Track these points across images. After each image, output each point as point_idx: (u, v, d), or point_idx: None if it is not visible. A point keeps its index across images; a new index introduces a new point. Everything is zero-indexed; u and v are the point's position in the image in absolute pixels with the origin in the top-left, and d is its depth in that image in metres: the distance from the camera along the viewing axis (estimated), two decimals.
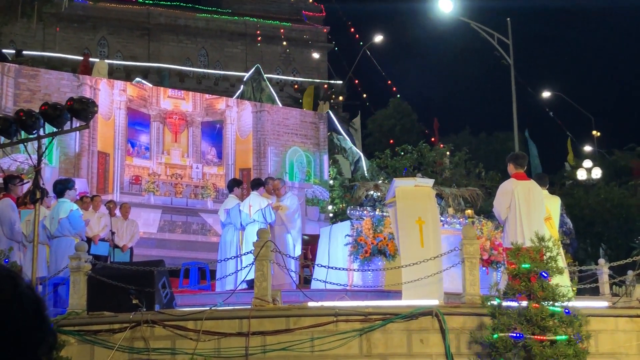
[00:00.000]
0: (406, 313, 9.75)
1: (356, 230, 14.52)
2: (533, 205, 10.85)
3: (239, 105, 25.00)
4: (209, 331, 9.72)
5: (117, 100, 22.16)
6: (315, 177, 25.12)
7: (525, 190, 10.91)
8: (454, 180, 27.60)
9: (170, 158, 22.84)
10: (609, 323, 10.25)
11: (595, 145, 41.55)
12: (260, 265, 10.19)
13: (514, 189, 10.89)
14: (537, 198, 10.99)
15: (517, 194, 10.81)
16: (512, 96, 28.78)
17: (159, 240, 21.65)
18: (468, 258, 10.27)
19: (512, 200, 10.80)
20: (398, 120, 49.41)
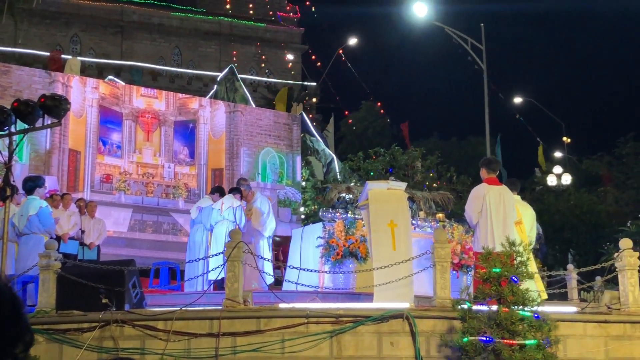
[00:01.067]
0: (377, 316, 9.77)
1: (328, 232, 14.54)
2: (504, 211, 10.91)
3: (212, 105, 24.92)
4: (179, 331, 9.68)
5: (89, 98, 22.00)
6: (288, 178, 25.10)
7: (496, 195, 10.97)
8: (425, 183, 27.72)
9: (142, 157, 22.70)
10: (577, 328, 10.34)
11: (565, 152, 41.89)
12: (231, 266, 10.17)
13: (485, 193, 10.94)
14: (509, 203, 11.06)
15: (489, 198, 10.86)
16: (485, 101, 28.94)
17: (129, 239, 21.52)
18: (439, 261, 10.31)
19: (484, 205, 10.84)
20: (371, 123, 49.51)
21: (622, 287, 10.96)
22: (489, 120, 29.12)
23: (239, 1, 58.81)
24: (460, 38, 28.81)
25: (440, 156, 31.40)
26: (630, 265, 10.78)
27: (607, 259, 13.48)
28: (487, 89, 29.01)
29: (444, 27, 29.10)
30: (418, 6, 27.68)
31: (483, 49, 28.84)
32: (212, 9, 57.49)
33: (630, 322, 10.57)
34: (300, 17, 59.85)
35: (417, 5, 27.70)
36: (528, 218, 12.02)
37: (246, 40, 56.97)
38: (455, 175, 30.20)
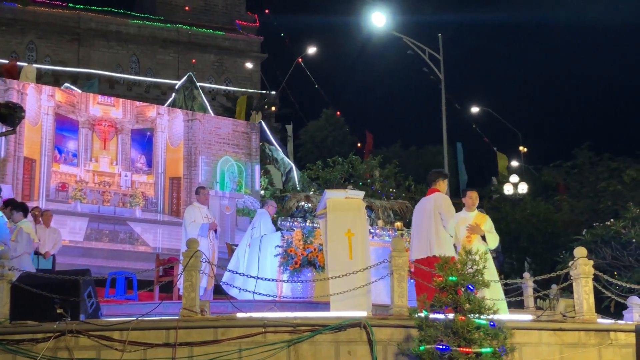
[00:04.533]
0: (334, 324, 9.76)
1: (286, 241, 14.54)
2: (420, 220, 12.13)
3: (170, 113, 24.79)
4: (135, 341, 9.58)
5: (45, 106, 21.77)
6: (247, 187, 25.05)
7: (418, 206, 12.25)
8: (383, 192, 27.80)
9: (99, 165, 22.51)
10: (533, 336, 10.41)
11: (522, 161, 42.33)
12: (188, 276, 10.10)
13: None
14: (425, 212, 12.07)
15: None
16: (442, 110, 29.13)
17: (85, 248, 21.30)
18: (397, 270, 10.33)
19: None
20: (330, 131, 49.57)
21: (576, 295, 11.06)
22: (446, 129, 29.33)
23: (198, 9, 58.73)
24: (418, 48, 28.98)
25: (399, 165, 31.51)
26: (584, 274, 10.89)
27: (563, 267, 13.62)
28: (445, 98, 29.22)
29: (402, 37, 29.26)
30: (376, 16, 27.81)
31: (441, 58, 29.04)
32: (171, 16, 57.34)
33: (584, 329, 10.68)
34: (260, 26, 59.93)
35: (376, 15, 27.83)
36: (483, 223, 12.14)
37: (205, 49, 56.89)
38: (413, 184, 30.32)
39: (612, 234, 20.65)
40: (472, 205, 12.25)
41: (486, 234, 11.95)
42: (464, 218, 12.09)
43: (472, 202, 12.24)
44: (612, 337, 10.72)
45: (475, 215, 12.20)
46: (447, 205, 12.00)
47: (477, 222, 12.01)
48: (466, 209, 12.26)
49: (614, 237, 20.58)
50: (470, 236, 11.85)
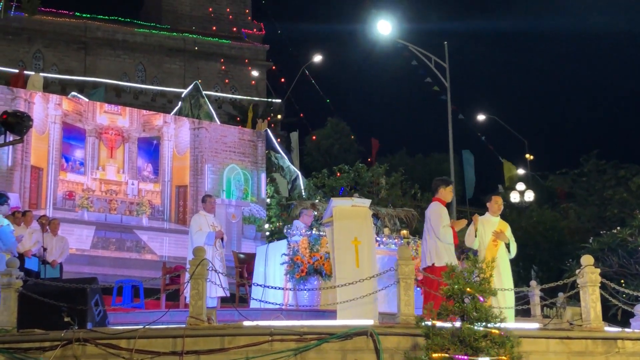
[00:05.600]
0: (341, 333, 9.76)
1: (292, 250, 14.53)
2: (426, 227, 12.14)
3: (176, 122, 24.85)
4: (142, 350, 9.59)
5: (52, 115, 21.83)
6: (253, 195, 25.07)
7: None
8: (389, 200, 27.81)
9: (105, 174, 22.56)
10: (540, 344, 10.40)
11: (528, 169, 42.30)
12: (195, 284, 10.11)
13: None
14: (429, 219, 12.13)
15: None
16: (448, 118, 29.15)
17: (92, 257, 21.33)
18: (403, 278, 10.33)
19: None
20: (336, 140, 49.60)
21: (583, 303, 11.05)
22: (452, 136, 29.34)
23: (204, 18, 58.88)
24: (423, 56, 29.02)
25: (405, 173, 31.51)
26: (591, 282, 10.88)
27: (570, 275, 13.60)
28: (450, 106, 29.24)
29: (407, 45, 29.31)
30: (382, 24, 27.88)
31: (446, 66, 29.07)
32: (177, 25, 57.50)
33: (591, 338, 10.66)
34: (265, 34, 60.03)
35: (381, 23, 27.90)
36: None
37: (211, 57, 56.99)
38: (419, 192, 30.32)
39: (619, 242, 20.63)
40: (498, 210, 12.34)
41: (510, 241, 12.09)
42: (489, 222, 12.17)
43: (498, 207, 12.34)
44: (620, 346, 10.69)
45: (499, 221, 12.27)
46: (434, 213, 12.01)
47: (502, 228, 12.11)
48: (491, 213, 12.33)
49: (620, 245, 20.56)
50: (497, 241, 11.95)
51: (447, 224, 11.80)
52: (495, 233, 12.02)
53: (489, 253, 11.75)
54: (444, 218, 11.90)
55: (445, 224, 11.80)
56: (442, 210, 12.01)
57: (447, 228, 11.73)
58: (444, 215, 11.94)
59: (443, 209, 12.06)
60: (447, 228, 11.74)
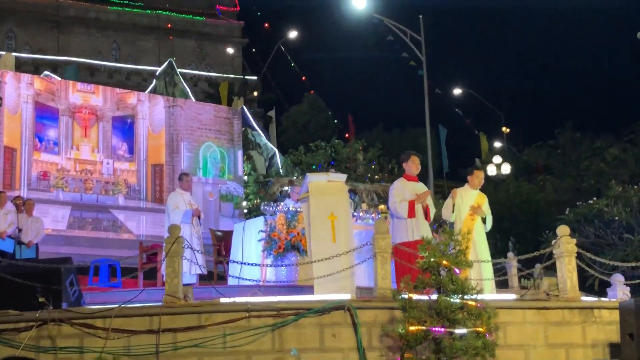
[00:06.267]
0: (318, 308, 9.76)
1: (270, 226, 14.51)
2: None
3: (151, 100, 24.65)
4: (118, 329, 9.54)
5: (24, 94, 21.60)
6: (230, 173, 24.97)
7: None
8: (367, 176, 27.82)
9: (80, 153, 22.37)
10: (517, 315, 10.44)
11: (505, 142, 42.42)
12: (171, 262, 10.06)
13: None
14: None
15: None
16: (425, 93, 29.12)
17: (68, 237, 21.19)
18: (380, 252, 10.33)
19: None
20: (312, 116, 49.46)
21: (560, 273, 11.09)
22: (429, 111, 29.31)
23: None
24: (399, 30, 28.93)
25: (382, 148, 31.50)
26: (567, 252, 10.92)
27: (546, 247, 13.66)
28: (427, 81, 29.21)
29: (383, 19, 29.19)
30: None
31: (422, 40, 29.00)
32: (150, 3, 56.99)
33: (568, 307, 10.71)
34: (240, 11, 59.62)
35: None
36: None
37: (185, 34, 56.61)
38: (396, 167, 30.32)
39: (595, 213, 20.76)
40: (478, 185, 12.37)
41: (487, 215, 12.11)
42: (467, 194, 12.19)
43: (479, 182, 12.37)
44: (596, 315, 10.76)
45: (478, 194, 12.27)
46: (390, 190, 12.28)
47: (479, 202, 12.12)
48: (470, 187, 12.32)
49: (597, 216, 20.69)
50: (474, 215, 11.98)
51: (400, 199, 11.82)
52: (473, 208, 12.04)
53: (466, 226, 11.76)
54: (397, 194, 11.95)
55: (396, 199, 11.85)
56: (398, 186, 12.07)
57: (399, 204, 11.78)
58: (397, 191, 11.98)
59: (400, 185, 12.07)
60: (399, 204, 11.78)
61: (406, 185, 12.03)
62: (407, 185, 12.05)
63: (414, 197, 11.86)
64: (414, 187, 12.05)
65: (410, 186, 12.03)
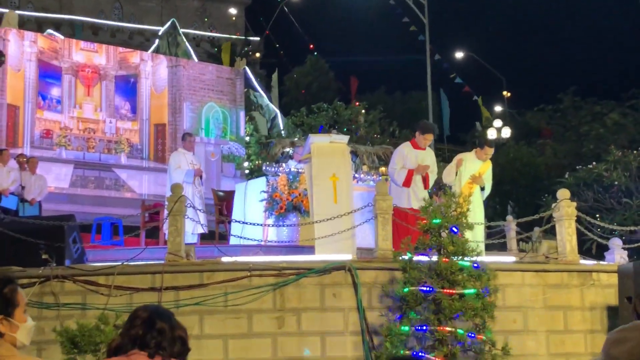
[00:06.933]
0: (319, 268, 9.86)
1: (271, 187, 14.57)
2: None
3: (153, 60, 24.59)
4: (120, 286, 9.64)
5: (27, 52, 21.55)
6: (232, 133, 24.98)
7: None
8: (368, 138, 27.82)
9: (83, 112, 22.37)
10: (516, 277, 10.55)
11: (505, 106, 42.35)
12: (173, 221, 10.14)
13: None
14: None
15: None
16: (427, 56, 29.06)
17: (70, 195, 21.26)
18: (381, 213, 10.40)
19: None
20: (315, 78, 49.29)
21: (559, 236, 11.17)
22: (431, 75, 29.28)
23: None
24: None
25: (384, 111, 31.46)
26: (567, 215, 10.99)
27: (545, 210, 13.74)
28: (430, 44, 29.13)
29: None
30: None
31: (425, 3, 28.87)
32: None
33: (567, 270, 10.82)
34: None
35: None
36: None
37: None
38: (398, 130, 30.33)
39: (595, 177, 20.82)
40: (485, 159, 12.43)
41: (486, 184, 12.22)
42: (472, 162, 12.29)
43: (486, 157, 12.44)
44: (595, 278, 10.87)
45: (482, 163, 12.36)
46: (393, 154, 12.66)
47: (482, 169, 12.22)
48: (477, 157, 12.39)
49: (596, 180, 20.76)
50: (472, 184, 12.09)
51: (400, 166, 11.98)
52: (473, 177, 12.14)
53: (465, 190, 11.84)
54: (399, 160, 12.11)
55: (396, 166, 12.03)
56: (402, 152, 12.20)
57: (397, 171, 11.96)
58: (399, 157, 12.11)
59: (405, 152, 12.19)
60: (398, 171, 11.95)
61: (410, 152, 12.13)
62: (411, 152, 12.14)
63: (416, 165, 11.98)
64: (418, 155, 12.16)
65: (415, 153, 12.14)
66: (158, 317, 3.48)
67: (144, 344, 3.40)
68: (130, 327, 3.46)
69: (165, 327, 3.45)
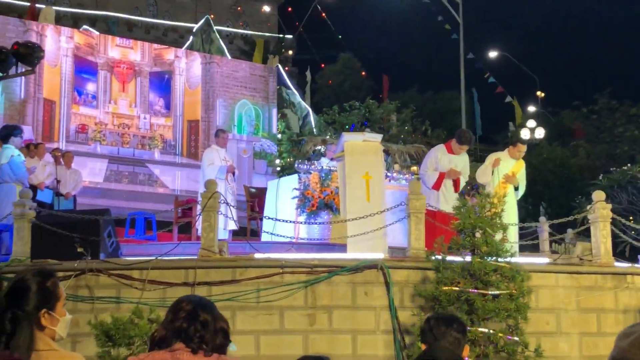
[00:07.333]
0: (351, 266, 9.85)
1: (303, 184, 14.58)
2: None
3: (188, 56, 24.73)
4: (154, 281, 9.70)
5: (63, 47, 21.76)
6: (264, 130, 25.06)
7: None
8: (400, 137, 27.74)
9: (118, 107, 22.57)
10: (549, 279, 10.48)
11: (539, 106, 42.04)
12: (207, 217, 10.18)
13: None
14: None
15: None
16: (460, 56, 28.94)
17: (104, 189, 21.45)
18: (414, 213, 10.38)
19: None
20: (347, 76, 49.21)
21: (594, 238, 11.08)
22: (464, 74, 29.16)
23: None
24: None
25: (416, 109, 31.36)
26: (602, 217, 10.90)
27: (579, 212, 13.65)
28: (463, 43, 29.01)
29: None
30: None
31: (460, 2, 28.75)
32: None
33: (601, 273, 10.73)
34: None
35: None
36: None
37: None
38: (429, 129, 30.21)
39: (629, 179, 20.65)
40: (518, 157, 12.50)
41: (520, 183, 12.24)
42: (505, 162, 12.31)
43: (519, 155, 12.52)
44: (629, 281, 10.78)
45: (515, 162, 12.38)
46: (426, 156, 13.00)
47: (515, 169, 12.24)
48: (509, 155, 12.43)
49: (630, 182, 20.59)
50: (506, 184, 12.11)
51: (432, 169, 12.22)
52: (506, 176, 12.17)
53: (498, 191, 11.81)
54: (431, 164, 12.35)
55: (428, 168, 12.29)
56: (435, 156, 12.37)
57: (429, 173, 12.07)
58: (432, 161, 12.32)
59: (439, 155, 12.36)
60: (430, 174, 12.07)
61: (444, 156, 12.25)
62: (445, 156, 12.26)
63: (448, 169, 12.10)
64: (452, 159, 12.27)
65: (449, 158, 12.27)
66: (201, 309, 3.51)
67: (187, 337, 3.43)
68: (174, 319, 3.49)
69: (209, 318, 3.49)
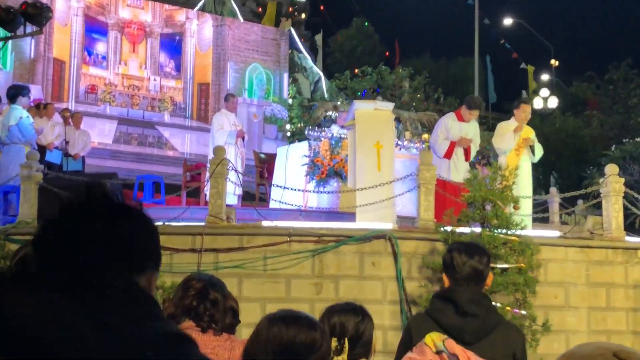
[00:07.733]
0: (359, 236, 9.79)
1: (313, 151, 14.48)
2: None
3: (199, 18, 24.54)
4: (162, 246, 9.63)
5: (74, 7, 21.60)
6: (275, 95, 24.92)
7: None
8: (412, 104, 27.54)
9: (128, 69, 22.44)
10: (559, 252, 10.40)
11: (553, 75, 41.70)
12: (215, 183, 10.12)
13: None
14: None
15: None
16: (475, 22, 28.65)
17: (114, 151, 21.40)
18: (424, 183, 10.28)
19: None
20: (360, 41, 48.84)
21: (605, 212, 10.97)
22: (478, 41, 28.89)
23: None
24: None
25: (429, 76, 31.11)
26: (615, 191, 10.78)
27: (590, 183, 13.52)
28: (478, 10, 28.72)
29: None
30: None
31: None
32: None
33: (612, 247, 10.64)
34: None
35: None
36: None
37: None
38: (442, 96, 29.99)
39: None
40: (525, 119, 12.12)
41: (535, 145, 12.00)
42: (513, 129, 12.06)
43: (525, 117, 12.14)
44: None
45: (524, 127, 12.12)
46: (436, 124, 12.73)
47: (527, 134, 12.02)
48: (517, 121, 12.10)
49: None
50: (520, 149, 11.83)
51: (443, 138, 12.07)
52: (524, 139, 11.89)
53: (510, 161, 11.64)
54: (442, 132, 12.18)
55: (439, 137, 12.11)
56: (446, 124, 12.23)
57: (440, 142, 11.96)
58: (443, 129, 12.20)
59: (449, 123, 12.21)
60: (440, 143, 11.95)
61: (454, 124, 12.07)
62: (455, 124, 12.08)
63: (459, 137, 11.95)
64: (462, 127, 12.11)
65: (459, 126, 12.09)
66: (212, 287, 3.47)
67: (197, 315, 3.39)
68: (184, 296, 3.45)
69: (219, 297, 3.45)
